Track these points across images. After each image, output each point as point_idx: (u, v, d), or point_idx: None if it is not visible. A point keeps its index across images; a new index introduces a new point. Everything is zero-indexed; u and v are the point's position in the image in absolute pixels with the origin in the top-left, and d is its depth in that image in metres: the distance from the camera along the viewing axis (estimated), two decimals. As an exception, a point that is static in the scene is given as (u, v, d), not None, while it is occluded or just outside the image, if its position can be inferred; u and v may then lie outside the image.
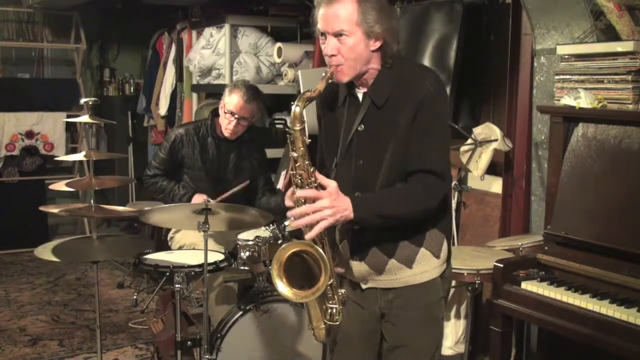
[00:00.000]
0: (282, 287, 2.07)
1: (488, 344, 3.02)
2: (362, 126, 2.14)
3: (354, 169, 2.16)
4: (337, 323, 2.18)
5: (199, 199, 3.59)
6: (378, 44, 2.09)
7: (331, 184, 2.02)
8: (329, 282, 2.10)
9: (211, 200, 3.48)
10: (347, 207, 2.01)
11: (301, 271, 2.10)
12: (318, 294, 2.05)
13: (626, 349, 2.40)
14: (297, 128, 2.05)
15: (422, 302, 2.21)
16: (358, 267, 2.22)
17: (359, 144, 2.15)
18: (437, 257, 2.19)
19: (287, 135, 2.09)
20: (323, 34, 2.09)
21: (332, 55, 2.08)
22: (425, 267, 2.18)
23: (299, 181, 2.07)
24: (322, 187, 2.03)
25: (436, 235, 2.18)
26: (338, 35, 2.06)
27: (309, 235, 2.03)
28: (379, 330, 2.28)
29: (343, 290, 2.20)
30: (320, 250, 2.03)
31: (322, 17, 2.07)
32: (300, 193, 2.04)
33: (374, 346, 2.31)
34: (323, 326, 2.20)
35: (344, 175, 2.17)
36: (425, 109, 2.06)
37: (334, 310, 2.16)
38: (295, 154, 2.06)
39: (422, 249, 2.17)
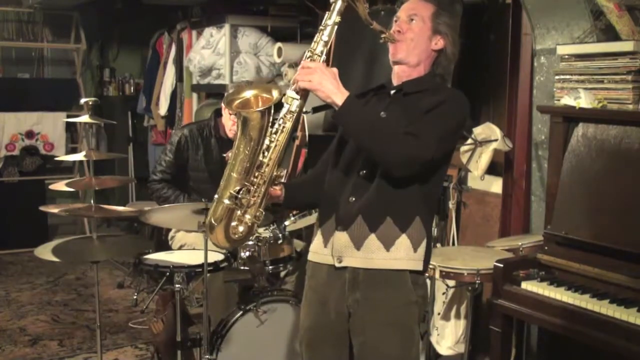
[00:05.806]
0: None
1: (488, 344, 3.02)
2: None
3: None
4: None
5: None
6: (439, 46, 2.25)
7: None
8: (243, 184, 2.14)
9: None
10: (336, 87, 2.08)
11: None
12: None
13: (626, 349, 2.40)
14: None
15: (390, 304, 2.20)
16: (339, 237, 2.22)
17: None
18: (415, 250, 2.20)
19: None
20: (396, 20, 2.27)
21: (398, 31, 2.23)
22: (401, 253, 2.18)
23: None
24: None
25: (420, 228, 2.20)
26: (410, 19, 2.24)
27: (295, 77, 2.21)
28: (348, 331, 2.26)
29: (263, 212, 2.19)
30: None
31: (402, 8, 2.28)
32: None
33: (346, 347, 2.29)
34: (218, 227, 2.22)
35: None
36: (442, 101, 2.16)
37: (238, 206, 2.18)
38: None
39: (404, 235, 2.18)
